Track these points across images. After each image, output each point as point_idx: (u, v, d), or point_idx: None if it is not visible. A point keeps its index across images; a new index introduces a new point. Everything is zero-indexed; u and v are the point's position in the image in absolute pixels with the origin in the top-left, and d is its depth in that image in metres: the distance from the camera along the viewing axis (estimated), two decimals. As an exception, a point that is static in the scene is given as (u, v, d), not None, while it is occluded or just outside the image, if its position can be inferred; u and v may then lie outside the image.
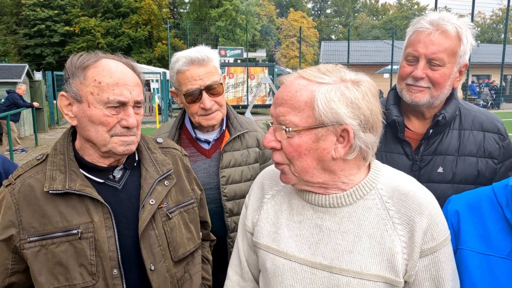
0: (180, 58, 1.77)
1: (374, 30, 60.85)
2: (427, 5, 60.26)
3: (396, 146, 1.67)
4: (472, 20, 14.41)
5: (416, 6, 63.20)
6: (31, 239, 1.21)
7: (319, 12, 76.39)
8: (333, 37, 69.98)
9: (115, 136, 1.24)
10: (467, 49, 1.55)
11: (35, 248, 1.21)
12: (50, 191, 1.21)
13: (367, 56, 30.83)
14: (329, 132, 1.04)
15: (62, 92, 1.27)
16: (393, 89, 1.76)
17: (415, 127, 1.68)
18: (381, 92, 18.26)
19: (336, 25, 73.18)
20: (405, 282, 1.08)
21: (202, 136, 1.91)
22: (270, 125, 1.13)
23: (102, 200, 1.24)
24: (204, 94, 1.77)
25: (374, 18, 71.09)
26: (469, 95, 22.11)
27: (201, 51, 1.78)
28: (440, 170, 1.60)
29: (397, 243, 1.05)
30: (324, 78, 1.05)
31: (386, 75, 21.55)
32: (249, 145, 1.95)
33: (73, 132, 1.35)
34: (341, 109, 1.01)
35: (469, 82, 22.41)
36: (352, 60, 22.66)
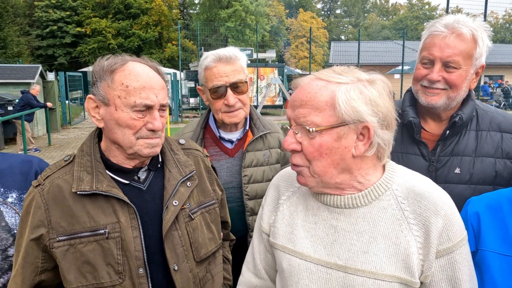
0: (209, 55, 1.84)
1: (384, 31, 60.48)
2: (438, 5, 59.64)
3: (412, 147, 1.68)
4: (485, 19, 14.25)
5: (427, 6, 62.65)
6: (60, 238, 1.24)
7: (328, 13, 76.12)
8: (342, 37, 69.67)
9: (141, 139, 1.26)
10: (483, 51, 1.56)
11: (64, 247, 1.24)
12: (78, 192, 1.24)
13: (377, 56, 30.63)
14: (350, 130, 1.06)
15: (90, 95, 1.30)
16: (409, 91, 1.77)
17: (432, 128, 1.69)
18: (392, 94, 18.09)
19: (346, 25, 72.85)
20: (421, 283, 1.08)
21: (225, 135, 1.95)
22: (289, 128, 1.14)
23: (128, 201, 1.27)
24: (229, 91, 1.82)
25: (384, 19, 70.63)
26: (481, 96, 21.86)
27: (230, 50, 1.85)
28: (457, 171, 1.61)
29: (412, 244, 1.06)
30: (341, 78, 1.08)
31: (397, 76, 21.39)
32: (271, 146, 1.98)
33: (99, 133, 1.38)
34: (361, 107, 1.04)
35: (482, 83, 22.18)
36: (362, 61, 22.54)
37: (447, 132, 1.62)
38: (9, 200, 1.52)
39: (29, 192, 1.31)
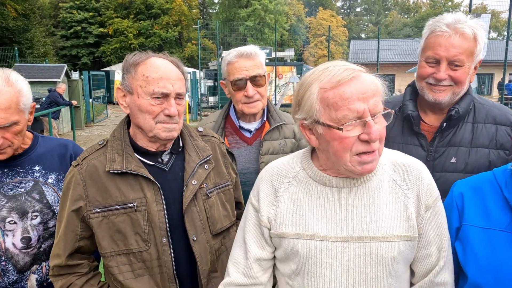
0: (231, 52, 2.06)
1: (406, 28, 59.56)
2: (461, 2, 58.19)
3: (412, 139, 1.79)
4: (510, 16, 13.86)
5: (450, 3, 61.33)
6: (96, 210, 1.44)
7: (348, 11, 75.44)
8: (362, 35, 68.97)
9: (159, 123, 1.44)
10: (482, 48, 1.67)
11: (99, 218, 1.44)
12: (110, 171, 1.44)
13: (398, 54, 30.26)
14: None
15: (118, 86, 1.50)
16: (410, 86, 1.88)
17: (431, 120, 1.80)
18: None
19: (366, 23, 72.06)
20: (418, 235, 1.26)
21: (245, 125, 2.14)
22: (366, 119, 1.14)
23: (153, 179, 1.45)
24: (249, 83, 2.02)
25: (406, 16, 69.53)
26: (505, 94, 21.33)
27: (250, 47, 2.06)
28: (453, 160, 1.71)
29: (410, 205, 1.24)
30: (361, 68, 1.23)
31: (417, 74, 21.06)
32: (286, 136, 2.15)
33: (128, 121, 1.58)
34: (384, 87, 1.24)
35: (506, 81, 21.63)
36: (382, 59, 22.31)
37: (444, 124, 1.73)
38: (49, 181, 1.74)
39: (69, 171, 1.52)
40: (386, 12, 70.80)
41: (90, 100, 18.73)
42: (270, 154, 2.08)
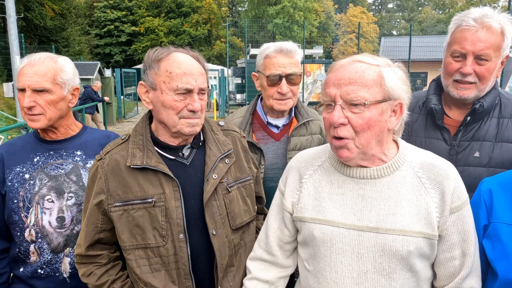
0: (270, 45, 2.05)
1: (440, 25, 57.62)
2: (501, -4, 55.66)
3: (435, 132, 1.78)
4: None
5: (488, -2, 58.85)
6: (116, 204, 1.47)
7: (380, 7, 73.82)
8: (394, 32, 67.32)
9: (183, 118, 1.45)
10: (509, 42, 1.63)
11: (119, 211, 1.47)
12: (131, 166, 1.46)
13: (431, 52, 29.32)
14: (388, 106, 1.24)
15: (141, 82, 1.52)
16: (434, 81, 1.87)
17: (455, 115, 1.78)
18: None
19: (398, 20, 70.28)
20: (439, 236, 1.25)
21: (272, 121, 2.14)
22: (333, 104, 1.24)
23: (172, 176, 1.47)
24: (283, 80, 2.01)
25: (440, 12, 67.30)
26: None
27: (290, 44, 2.06)
28: (476, 154, 1.69)
29: (431, 204, 1.23)
30: (379, 62, 1.25)
31: (451, 72, 20.33)
32: (313, 132, 2.16)
33: (149, 116, 1.60)
34: (402, 86, 1.24)
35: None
36: (414, 56, 21.69)
37: (468, 118, 1.70)
38: (88, 165, 1.84)
39: (93, 165, 1.56)
40: (420, 8, 68.75)
41: (122, 97, 19.25)
42: (297, 150, 2.07)
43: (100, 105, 14.83)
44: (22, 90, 1.70)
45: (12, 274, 1.84)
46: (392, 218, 1.24)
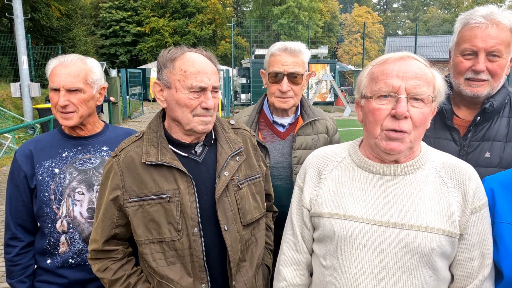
0: (277, 44, 2.09)
1: (445, 24, 57.33)
2: (507, -4, 55.22)
3: (444, 133, 1.77)
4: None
5: (494, -3, 58.45)
6: (132, 199, 1.50)
7: (385, 7, 73.58)
8: (399, 32, 67.06)
9: (196, 116, 1.48)
10: None
11: (134, 207, 1.50)
12: (146, 162, 1.50)
13: (437, 51, 29.18)
14: (435, 105, 1.29)
15: (156, 80, 1.55)
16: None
17: (464, 115, 1.77)
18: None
19: (404, 20, 70.01)
20: (460, 235, 1.26)
21: (278, 120, 2.16)
22: (400, 96, 1.21)
23: (186, 171, 1.50)
24: (285, 79, 2.04)
25: (446, 12, 66.93)
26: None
27: (296, 44, 2.08)
28: (487, 155, 1.68)
29: (453, 203, 1.25)
30: (425, 62, 1.28)
31: (457, 72, 20.25)
32: (319, 131, 2.17)
33: (163, 114, 1.63)
34: (444, 89, 1.30)
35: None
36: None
37: (478, 118, 1.69)
38: None
39: (108, 161, 1.59)
40: (425, 8, 68.45)
41: (127, 97, 19.33)
42: (303, 149, 2.09)
43: (105, 105, 14.93)
44: (55, 90, 1.82)
45: (36, 267, 1.92)
46: (415, 215, 1.24)
